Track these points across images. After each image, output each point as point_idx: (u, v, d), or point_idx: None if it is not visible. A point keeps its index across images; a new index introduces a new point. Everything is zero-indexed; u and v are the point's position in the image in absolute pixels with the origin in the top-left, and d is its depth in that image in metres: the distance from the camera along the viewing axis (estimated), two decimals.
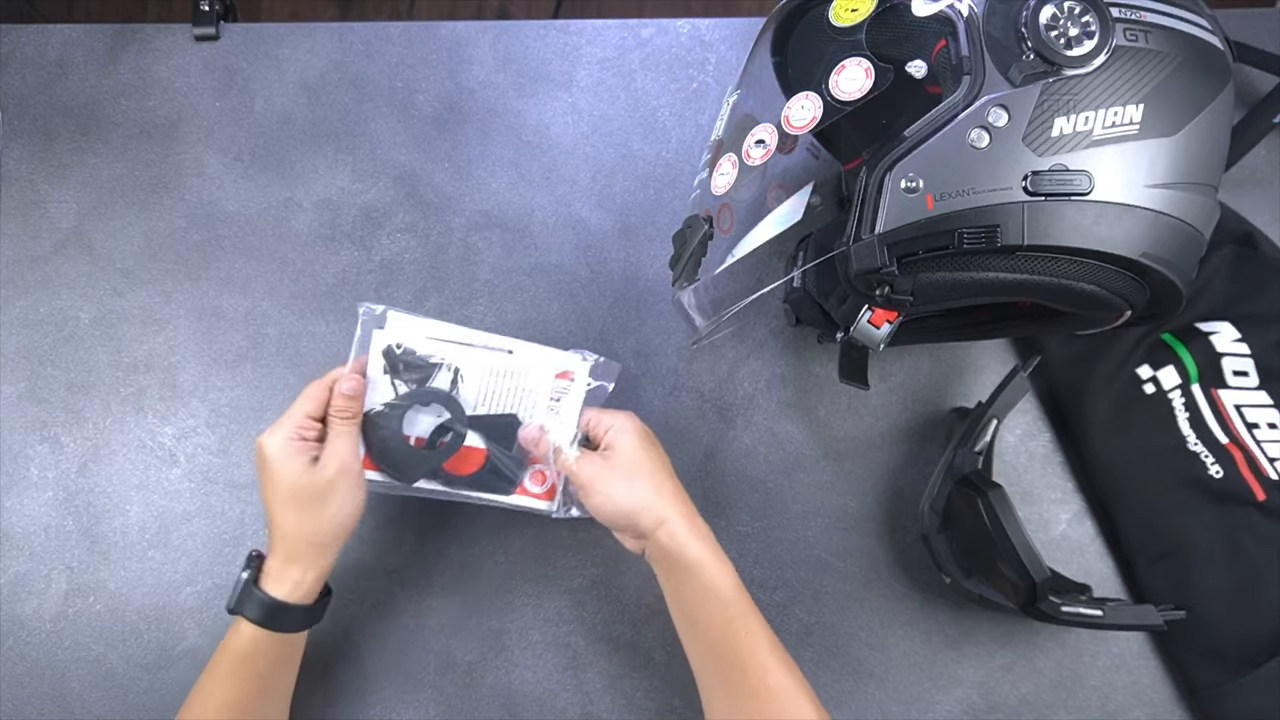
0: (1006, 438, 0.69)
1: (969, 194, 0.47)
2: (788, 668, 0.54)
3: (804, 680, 0.54)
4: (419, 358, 0.60)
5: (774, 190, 0.53)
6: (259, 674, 0.56)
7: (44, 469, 0.68)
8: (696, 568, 0.54)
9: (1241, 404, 0.64)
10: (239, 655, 0.55)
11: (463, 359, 0.61)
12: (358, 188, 0.74)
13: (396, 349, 0.60)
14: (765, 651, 0.54)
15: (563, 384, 0.62)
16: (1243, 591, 0.61)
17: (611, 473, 0.57)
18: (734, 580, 0.55)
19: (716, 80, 0.77)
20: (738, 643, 0.54)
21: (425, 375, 0.60)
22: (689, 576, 0.55)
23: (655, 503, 0.56)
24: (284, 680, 0.59)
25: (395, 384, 0.60)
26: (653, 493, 0.56)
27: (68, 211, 0.73)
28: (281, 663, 0.58)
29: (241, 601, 0.55)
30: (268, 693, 0.57)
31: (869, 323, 0.57)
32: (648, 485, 0.56)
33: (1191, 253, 0.49)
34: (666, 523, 0.55)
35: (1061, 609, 0.57)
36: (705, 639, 0.55)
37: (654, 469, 0.57)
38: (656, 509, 0.55)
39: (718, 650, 0.54)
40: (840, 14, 0.51)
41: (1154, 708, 0.64)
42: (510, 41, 0.77)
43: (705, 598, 0.54)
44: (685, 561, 0.54)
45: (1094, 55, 0.46)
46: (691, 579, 0.55)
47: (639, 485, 0.56)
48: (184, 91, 0.76)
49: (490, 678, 0.65)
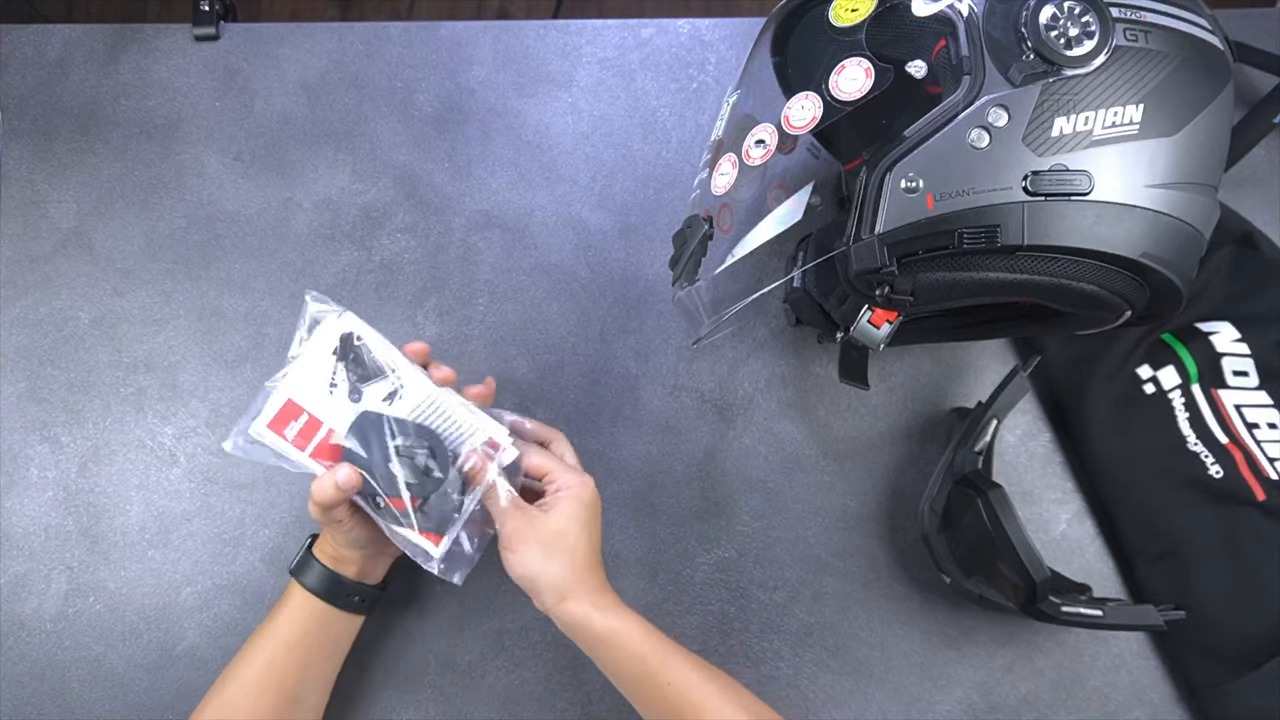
0: (1006, 438, 0.69)
1: (969, 194, 0.47)
2: (719, 692, 0.54)
3: (741, 693, 0.55)
4: (371, 357, 0.58)
5: (774, 190, 0.53)
6: (301, 645, 0.57)
7: (44, 469, 0.68)
8: (603, 638, 0.54)
9: (1241, 404, 0.64)
10: (298, 630, 0.57)
11: (410, 379, 0.58)
12: (358, 188, 0.74)
13: (356, 340, 0.57)
14: (691, 691, 0.54)
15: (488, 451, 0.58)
16: (1243, 591, 0.61)
17: (534, 536, 0.55)
18: (642, 634, 0.55)
19: (716, 80, 0.77)
20: (663, 695, 0.54)
21: (367, 375, 0.57)
22: (597, 647, 0.55)
23: (561, 581, 0.55)
24: (321, 665, 0.59)
25: (337, 368, 0.57)
26: (564, 570, 0.55)
27: (68, 211, 0.73)
28: (324, 644, 0.59)
29: (300, 565, 0.59)
30: (308, 666, 0.58)
31: (869, 323, 0.57)
32: (563, 561, 0.55)
33: (1191, 253, 0.49)
34: (567, 600, 0.54)
35: (1061, 609, 0.57)
36: (637, 699, 0.56)
37: (577, 545, 0.55)
38: (560, 587, 0.54)
39: (647, 703, 0.55)
40: (840, 14, 0.51)
41: (1154, 708, 0.64)
42: (510, 41, 0.77)
43: (617, 661, 0.55)
44: (590, 636, 0.55)
45: (1094, 55, 0.46)
46: (600, 649, 0.55)
47: (555, 558, 0.55)
48: (184, 91, 0.76)
49: (490, 678, 0.65)
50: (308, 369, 0.57)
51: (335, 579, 0.58)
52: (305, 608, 0.57)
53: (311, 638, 0.58)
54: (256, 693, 0.56)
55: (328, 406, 0.57)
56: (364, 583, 0.59)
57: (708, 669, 0.55)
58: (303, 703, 0.58)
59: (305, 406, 0.57)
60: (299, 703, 0.57)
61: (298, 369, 0.57)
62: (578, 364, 0.71)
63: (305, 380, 0.57)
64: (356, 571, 0.59)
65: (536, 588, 0.55)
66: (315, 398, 0.57)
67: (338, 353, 0.57)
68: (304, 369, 0.57)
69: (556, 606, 0.55)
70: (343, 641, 0.60)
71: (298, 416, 0.57)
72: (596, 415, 0.70)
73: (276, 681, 0.56)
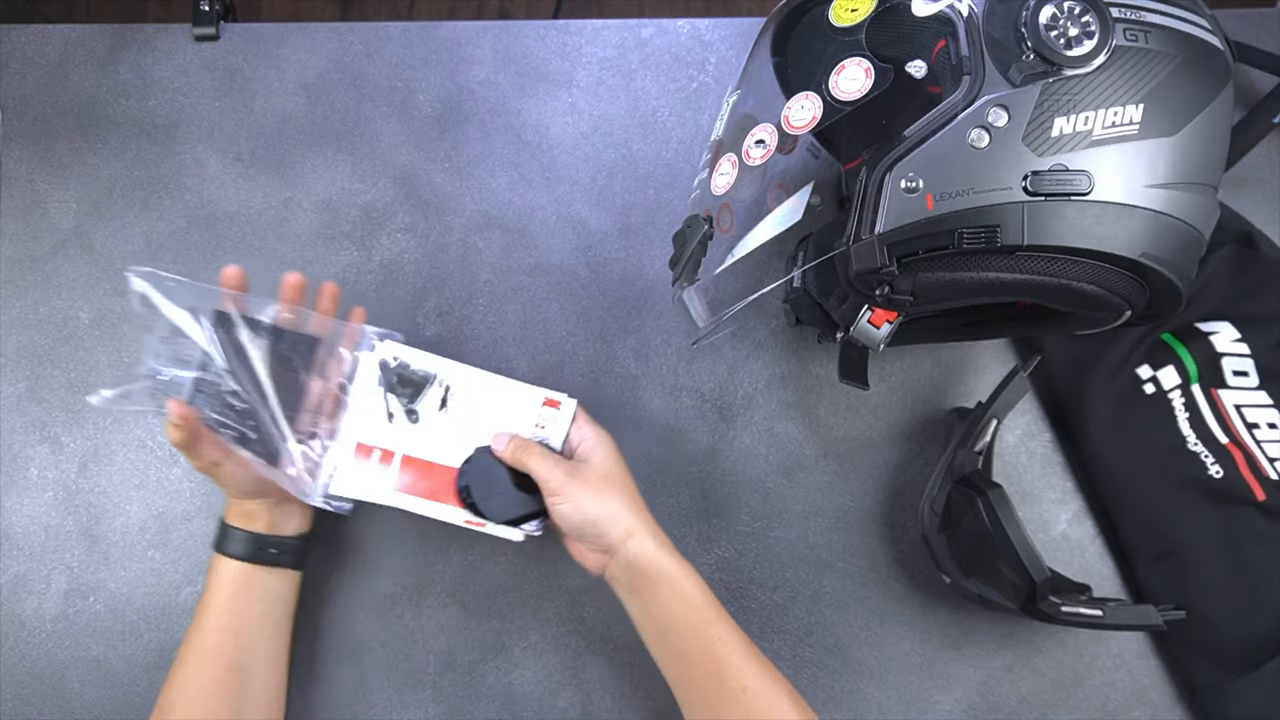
0: (1006, 438, 0.69)
1: (969, 194, 0.47)
2: (765, 669, 0.54)
3: (783, 680, 0.54)
4: (413, 371, 0.61)
5: (774, 190, 0.53)
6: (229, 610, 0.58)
7: (44, 469, 0.68)
8: (666, 577, 0.55)
9: (1241, 404, 0.64)
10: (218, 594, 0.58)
11: (454, 378, 0.61)
12: (358, 188, 0.74)
13: (392, 362, 0.61)
14: (740, 656, 0.54)
15: (550, 411, 0.62)
16: (1243, 591, 0.61)
17: (583, 483, 0.57)
18: (703, 588, 0.55)
19: (716, 80, 0.77)
20: (712, 649, 0.54)
21: (418, 390, 0.61)
22: (659, 587, 0.55)
23: (624, 515, 0.56)
24: (259, 628, 0.59)
25: (388, 399, 0.61)
26: (622, 506, 0.56)
27: (68, 211, 0.73)
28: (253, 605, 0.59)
29: (221, 537, 0.59)
30: (241, 632, 0.58)
31: (869, 323, 0.57)
32: (620, 495, 0.57)
33: (1191, 253, 0.49)
34: (635, 535, 0.55)
35: (1061, 609, 0.57)
36: (678, 650, 0.55)
37: (625, 485, 0.58)
38: (625, 521, 0.56)
39: (692, 659, 0.54)
40: (840, 14, 0.51)
41: (1154, 708, 0.64)
42: (510, 41, 0.77)
43: (676, 607, 0.55)
44: (655, 572, 0.55)
45: (1094, 55, 0.46)
46: (662, 589, 0.55)
47: (610, 497, 0.56)
48: (184, 91, 0.76)
49: (490, 678, 0.65)
50: (361, 412, 0.60)
51: (247, 536, 0.58)
52: (226, 572, 0.58)
53: (239, 601, 0.58)
54: (197, 664, 0.56)
55: (390, 437, 0.61)
56: (279, 534, 0.60)
57: (750, 642, 0.55)
58: (249, 670, 0.58)
59: (374, 444, 0.61)
60: (244, 670, 0.57)
61: (352, 416, 0.61)
62: (578, 364, 0.71)
63: (364, 423, 0.61)
64: (266, 524, 0.59)
65: (599, 529, 0.56)
66: (374, 431, 0.61)
67: (382, 383, 0.61)
68: (358, 413, 0.60)
69: (624, 544, 0.55)
70: (276, 601, 0.60)
71: (369, 457, 0.60)
72: (596, 415, 0.70)
73: (214, 650, 0.57)
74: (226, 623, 0.57)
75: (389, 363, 0.61)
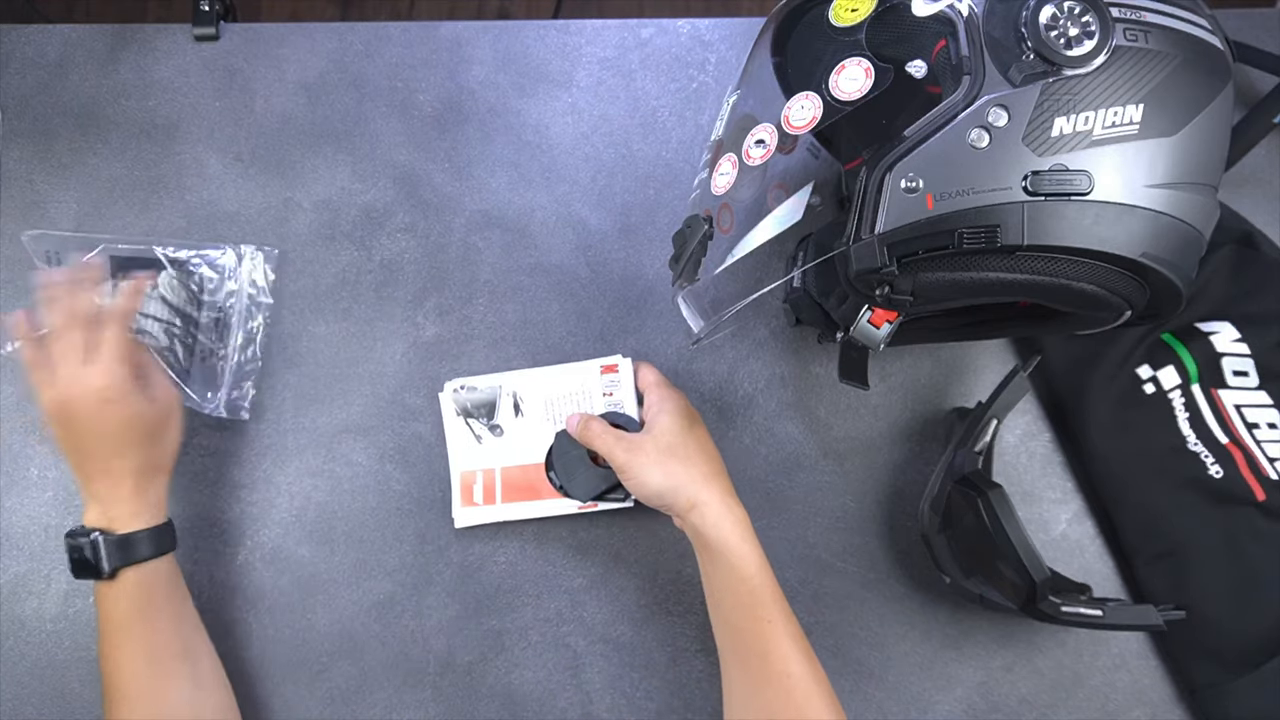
0: (1006, 438, 0.69)
1: (969, 194, 0.47)
2: (808, 659, 0.54)
3: (823, 676, 0.54)
4: (479, 393, 0.67)
5: (774, 190, 0.53)
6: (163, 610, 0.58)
7: (44, 469, 0.68)
8: (723, 551, 0.55)
9: (1241, 404, 0.64)
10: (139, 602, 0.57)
11: (517, 383, 0.67)
12: (358, 188, 0.74)
13: (459, 389, 0.67)
14: (786, 640, 0.54)
15: (611, 378, 0.65)
16: (1243, 591, 0.61)
17: (645, 457, 0.58)
18: (761, 567, 0.56)
19: (716, 80, 0.77)
20: (760, 629, 0.54)
21: (490, 407, 0.66)
22: (719, 560, 0.56)
23: (687, 486, 0.57)
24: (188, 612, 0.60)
25: (470, 424, 0.66)
26: (686, 476, 0.57)
27: (68, 211, 0.73)
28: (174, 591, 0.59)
29: (125, 551, 0.56)
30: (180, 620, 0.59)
31: (869, 323, 0.56)
32: (681, 468, 0.57)
33: (1191, 253, 0.49)
34: (698, 506, 0.56)
35: (1061, 609, 0.57)
36: (729, 622, 0.56)
37: (690, 452, 0.58)
38: (688, 492, 0.56)
39: (740, 634, 0.55)
40: (840, 14, 0.51)
41: (1154, 708, 0.64)
42: (510, 41, 0.77)
43: (730, 581, 0.55)
44: (713, 544, 0.55)
45: (1094, 55, 0.46)
46: (721, 563, 0.55)
47: (673, 468, 0.57)
48: (184, 91, 0.76)
49: (490, 678, 0.65)
50: (453, 441, 0.67)
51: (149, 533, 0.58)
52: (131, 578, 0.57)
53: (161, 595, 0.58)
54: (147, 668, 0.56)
55: (485, 456, 0.67)
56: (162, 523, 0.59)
57: (803, 633, 0.55)
58: (192, 652, 0.59)
59: (474, 468, 0.67)
60: (187, 656, 0.58)
61: (449, 448, 0.67)
62: None
63: (457, 451, 0.67)
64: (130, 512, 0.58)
65: (665, 500, 0.57)
66: (470, 457, 0.67)
67: (459, 413, 0.67)
68: (451, 443, 0.67)
69: (687, 515, 0.56)
70: (179, 579, 0.60)
71: (474, 481, 0.66)
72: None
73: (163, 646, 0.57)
74: (164, 620, 0.58)
75: (459, 391, 0.66)
